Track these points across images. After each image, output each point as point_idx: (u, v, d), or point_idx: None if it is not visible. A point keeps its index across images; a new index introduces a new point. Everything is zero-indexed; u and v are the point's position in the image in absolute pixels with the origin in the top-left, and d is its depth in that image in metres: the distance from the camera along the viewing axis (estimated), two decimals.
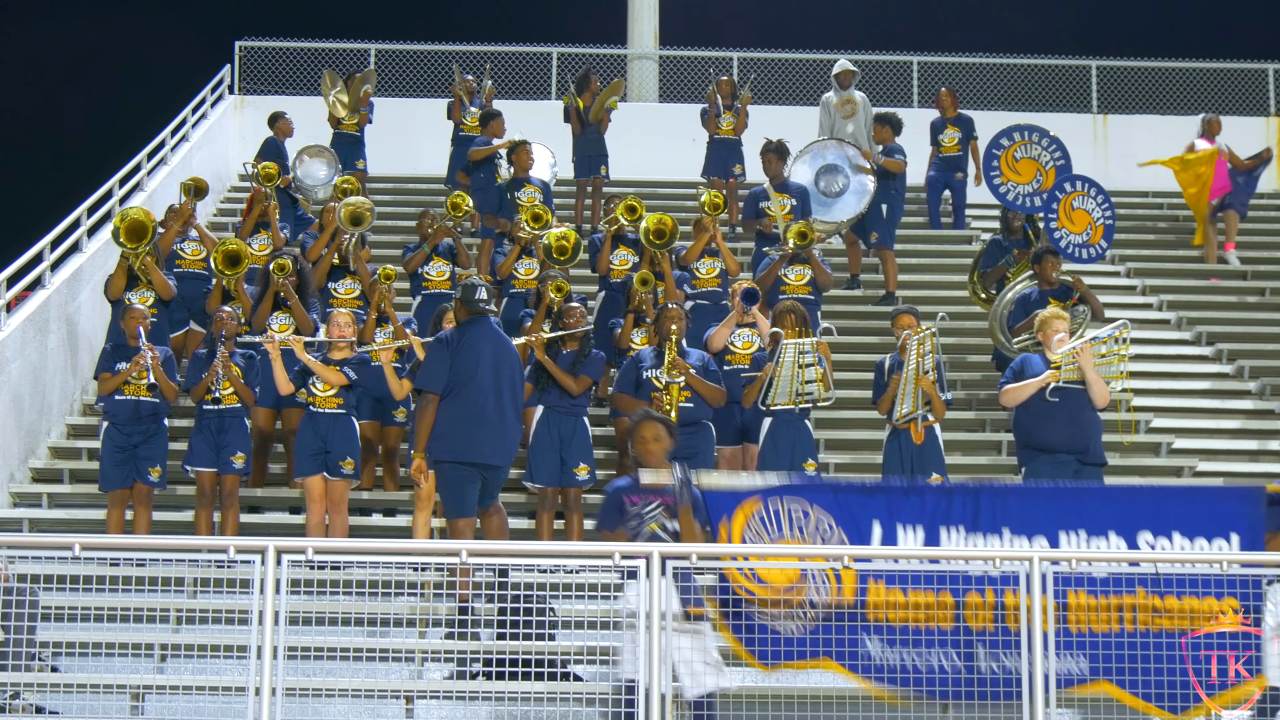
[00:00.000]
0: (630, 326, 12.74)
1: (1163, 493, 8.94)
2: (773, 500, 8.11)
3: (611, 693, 7.83)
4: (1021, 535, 8.11)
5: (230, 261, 13.05)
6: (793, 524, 8.07)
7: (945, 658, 7.82)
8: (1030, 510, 8.22)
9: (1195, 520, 8.17)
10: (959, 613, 7.81)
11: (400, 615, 10.12)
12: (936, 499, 8.25)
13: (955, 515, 8.15)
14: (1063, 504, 8.34)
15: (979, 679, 7.75)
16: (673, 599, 7.67)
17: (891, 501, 8.21)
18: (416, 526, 11.47)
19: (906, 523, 8.15)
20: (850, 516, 8.14)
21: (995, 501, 8.24)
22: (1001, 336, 13.90)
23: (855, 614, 7.86)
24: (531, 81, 22.54)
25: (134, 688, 8.61)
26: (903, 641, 7.84)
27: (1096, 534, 8.13)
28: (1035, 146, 14.75)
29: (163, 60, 28.98)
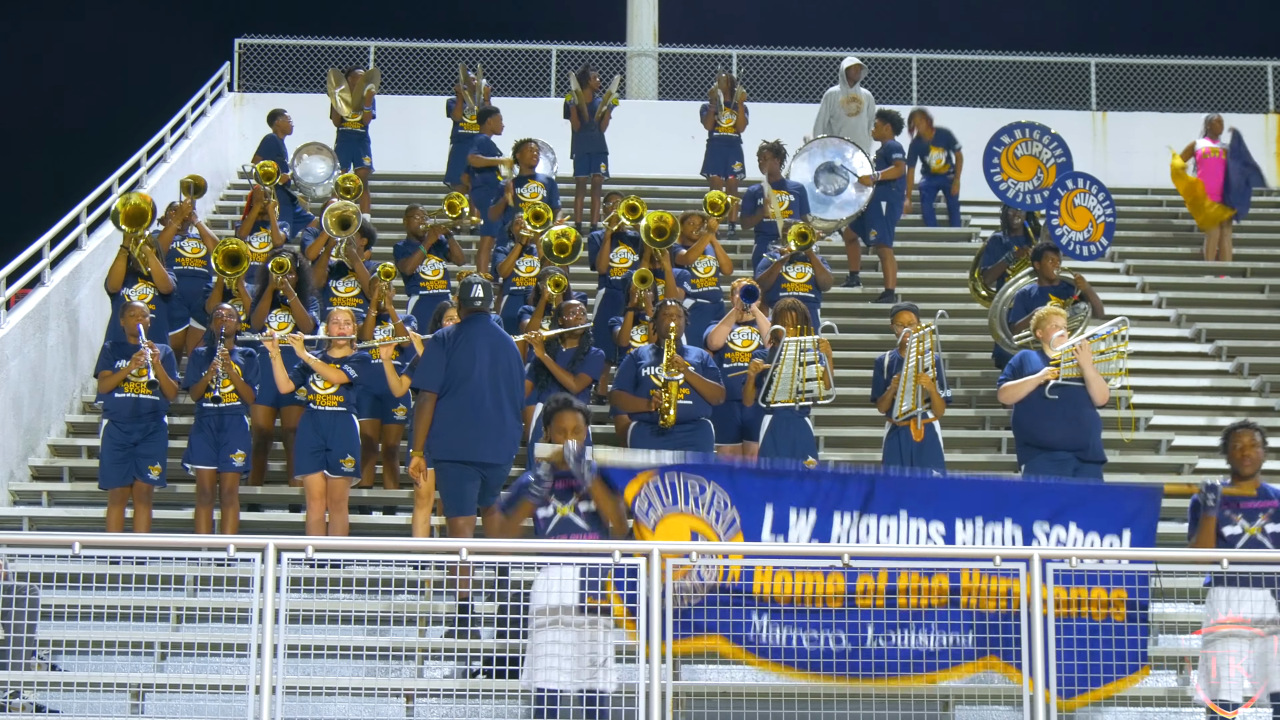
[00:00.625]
0: (630, 324, 12.74)
1: (1064, 488, 8.94)
2: (669, 474, 8.13)
3: (522, 701, 7.82)
4: (919, 518, 8.15)
5: (231, 261, 13.04)
6: (688, 496, 8.10)
7: (833, 640, 7.86)
8: (926, 494, 8.26)
9: (1093, 514, 8.24)
10: (849, 596, 7.86)
11: (400, 613, 10.11)
12: (830, 484, 8.24)
13: (849, 500, 8.16)
14: (958, 492, 8.35)
15: (864, 651, 7.81)
16: (571, 593, 7.68)
17: (783, 485, 8.21)
18: (416, 524, 11.47)
19: (799, 506, 8.16)
20: (744, 497, 8.14)
21: (890, 485, 8.31)
22: (1002, 333, 13.90)
23: (741, 591, 7.89)
24: (531, 79, 22.54)
25: (134, 686, 8.61)
26: (789, 622, 7.87)
27: (992, 520, 8.17)
28: (1036, 144, 14.73)
29: (162, 58, 28.97)
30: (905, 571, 7.84)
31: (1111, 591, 7.92)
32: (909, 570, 7.84)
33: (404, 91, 22.08)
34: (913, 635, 7.88)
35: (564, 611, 7.72)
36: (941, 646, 7.87)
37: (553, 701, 7.68)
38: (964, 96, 22.57)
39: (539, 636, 7.77)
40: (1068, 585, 7.77)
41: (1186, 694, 8.89)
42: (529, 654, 7.83)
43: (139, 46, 29.77)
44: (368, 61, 22.12)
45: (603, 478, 8.04)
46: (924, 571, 7.85)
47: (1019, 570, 7.60)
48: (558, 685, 7.75)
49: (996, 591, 7.80)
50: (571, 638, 7.75)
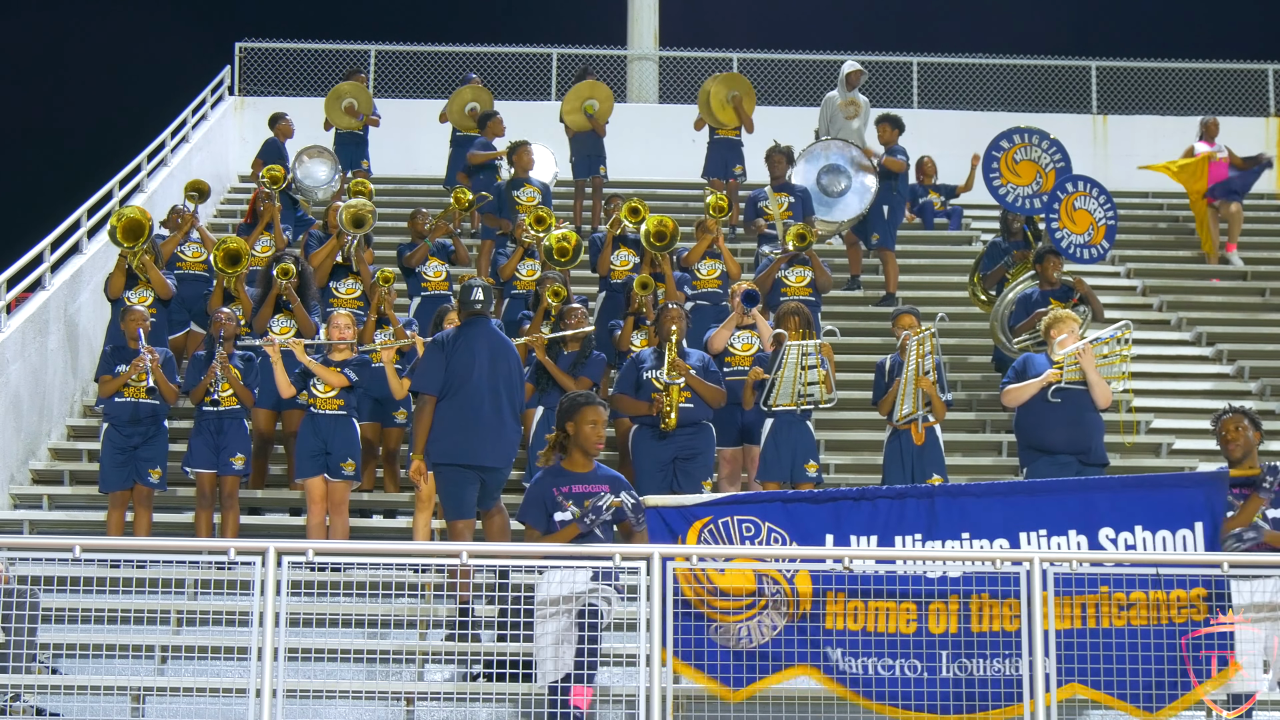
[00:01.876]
0: (630, 328, 12.73)
1: (1123, 484, 8.78)
2: (723, 517, 8.07)
3: (535, 704, 7.81)
4: (982, 539, 8.03)
5: (231, 260, 13.04)
6: (743, 539, 8.04)
7: (908, 667, 7.76)
8: (988, 513, 8.14)
9: (1157, 512, 8.14)
10: (922, 615, 7.76)
11: (401, 617, 10.11)
12: (889, 505, 8.15)
13: (909, 523, 8.06)
14: (1020, 504, 8.24)
15: (940, 680, 7.71)
16: (580, 585, 7.71)
17: (840, 510, 8.12)
18: (417, 528, 11.46)
19: (859, 533, 8.07)
20: (802, 528, 8.06)
21: (950, 505, 8.16)
22: (1003, 337, 13.90)
23: (817, 622, 7.81)
24: (531, 82, 22.55)
25: (134, 689, 8.61)
26: (864, 651, 7.76)
27: (1057, 533, 8.08)
28: (1035, 149, 14.73)
29: (163, 61, 28.98)
30: (976, 594, 7.72)
31: (1191, 591, 7.80)
32: (979, 592, 7.72)
33: (404, 95, 22.08)
34: (987, 663, 7.75)
35: (570, 602, 7.75)
36: (1020, 673, 7.61)
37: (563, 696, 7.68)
38: (965, 100, 22.58)
39: (544, 629, 7.79)
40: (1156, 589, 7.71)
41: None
42: (538, 653, 7.83)
43: (139, 50, 29.80)
44: (368, 65, 22.13)
45: (661, 518, 8.07)
46: (993, 593, 7.70)
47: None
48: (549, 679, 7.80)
49: (1069, 614, 7.66)
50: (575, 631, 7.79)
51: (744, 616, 7.77)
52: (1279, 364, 15.60)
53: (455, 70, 21.81)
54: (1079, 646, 7.65)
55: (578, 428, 8.29)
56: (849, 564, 7.76)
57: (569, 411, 8.38)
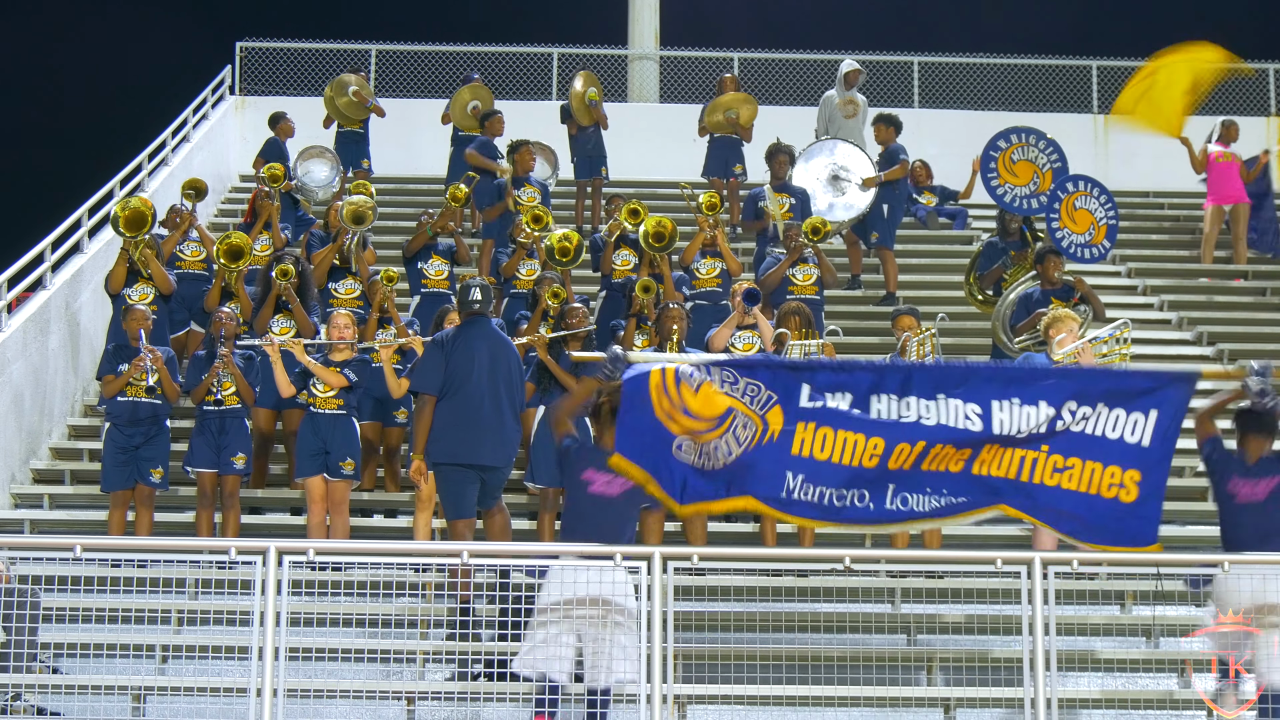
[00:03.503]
0: (633, 330, 12.74)
1: (1096, 372, 9.42)
2: (699, 365, 8.45)
3: (536, 692, 7.92)
4: (955, 398, 8.36)
5: (233, 255, 13.06)
6: (721, 381, 8.37)
7: (858, 498, 8.26)
8: (962, 378, 8.50)
9: (1120, 396, 8.48)
10: (885, 455, 8.25)
11: (401, 616, 10.12)
12: (864, 373, 8.51)
13: (886, 385, 8.41)
14: (996, 376, 8.61)
15: (886, 511, 8.26)
16: (585, 585, 7.79)
17: (818, 374, 8.48)
18: (417, 527, 11.47)
19: (834, 390, 8.40)
20: (779, 381, 8.40)
21: (926, 374, 8.57)
22: (1004, 336, 13.89)
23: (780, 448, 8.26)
24: (532, 82, 22.54)
25: (135, 689, 8.63)
26: (818, 481, 8.24)
27: (1028, 402, 8.41)
28: (1032, 149, 14.73)
29: (164, 61, 28.94)
30: (940, 443, 8.22)
31: (1126, 471, 8.30)
32: (943, 442, 8.22)
33: (404, 95, 22.07)
34: (928, 499, 8.28)
35: (575, 605, 7.77)
36: (953, 502, 8.27)
37: (552, 691, 7.72)
38: (965, 99, 22.56)
39: (541, 628, 7.83)
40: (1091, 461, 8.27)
41: (1187, 696, 8.91)
42: (528, 640, 7.89)
43: (140, 50, 29.77)
44: (368, 65, 22.13)
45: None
46: (958, 444, 8.24)
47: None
48: (557, 677, 7.82)
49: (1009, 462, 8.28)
50: (574, 632, 7.81)
51: (707, 439, 8.19)
52: (1279, 364, 15.56)
53: (456, 70, 21.79)
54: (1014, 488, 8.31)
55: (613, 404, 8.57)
56: (849, 564, 7.80)
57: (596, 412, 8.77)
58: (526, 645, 8.07)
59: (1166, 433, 8.42)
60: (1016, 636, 8.36)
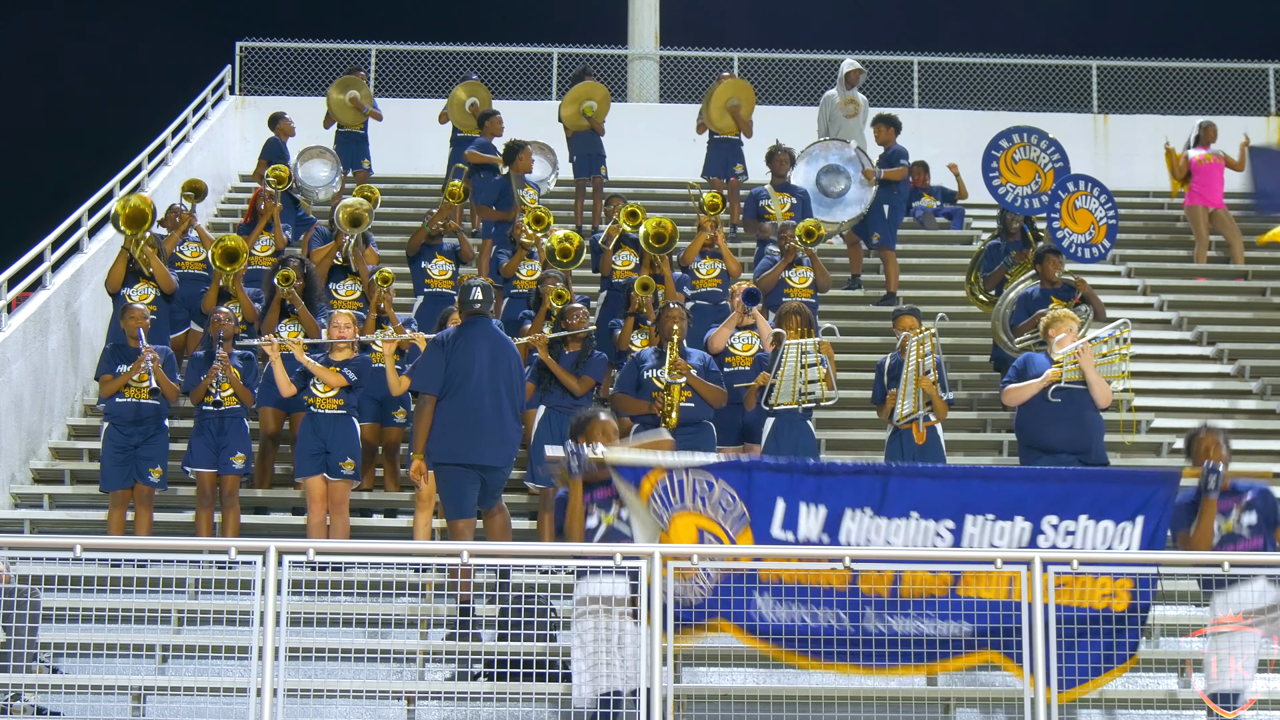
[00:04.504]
0: (629, 329, 12.73)
1: (1075, 475, 8.96)
2: (676, 473, 8.11)
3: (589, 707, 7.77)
4: (930, 519, 8.11)
5: (228, 258, 13.05)
6: (695, 494, 8.09)
7: (836, 619, 7.89)
8: (938, 494, 8.20)
9: (1103, 503, 8.17)
10: (854, 576, 7.88)
11: (401, 616, 10.12)
12: (843, 480, 8.21)
13: (862, 497, 8.12)
14: (971, 488, 8.28)
15: (864, 639, 7.84)
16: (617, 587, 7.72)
17: (795, 480, 8.17)
18: (417, 527, 11.47)
19: (810, 501, 8.11)
20: (755, 492, 8.11)
21: (904, 485, 8.22)
22: (1004, 336, 13.90)
23: (750, 574, 7.94)
24: (532, 82, 22.55)
25: (135, 689, 8.62)
26: (790, 599, 7.90)
27: (1003, 518, 8.13)
28: (1034, 148, 14.73)
29: (164, 61, 28.98)
30: (910, 572, 7.87)
31: (1117, 581, 7.92)
32: (913, 570, 7.88)
33: (404, 94, 22.08)
34: (912, 623, 7.90)
35: (609, 603, 7.73)
36: (941, 635, 7.88)
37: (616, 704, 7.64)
38: (965, 99, 22.57)
39: (583, 635, 7.76)
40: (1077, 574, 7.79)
41: (1187, 696, 8.90)
42: (578, 664, 7.79)
43: (140, 49, 29.79)
44: (368, 64, 22.13)
45: (618, 474, 8.08)
46: (932, 571, 7.89)
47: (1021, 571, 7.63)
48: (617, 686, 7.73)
49: (997, 583, 7.83)
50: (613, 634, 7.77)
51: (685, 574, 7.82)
52: (1279, 364, 15.59)
53: (455, 70, 21.80)
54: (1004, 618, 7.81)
55: (588, 442, 8.32)
56: (849, 563, 7.78)
57: (578, 429, 8.45)
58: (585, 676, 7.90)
59: (1154, 537, 8.13)
60: (1015, 636, 8.31)
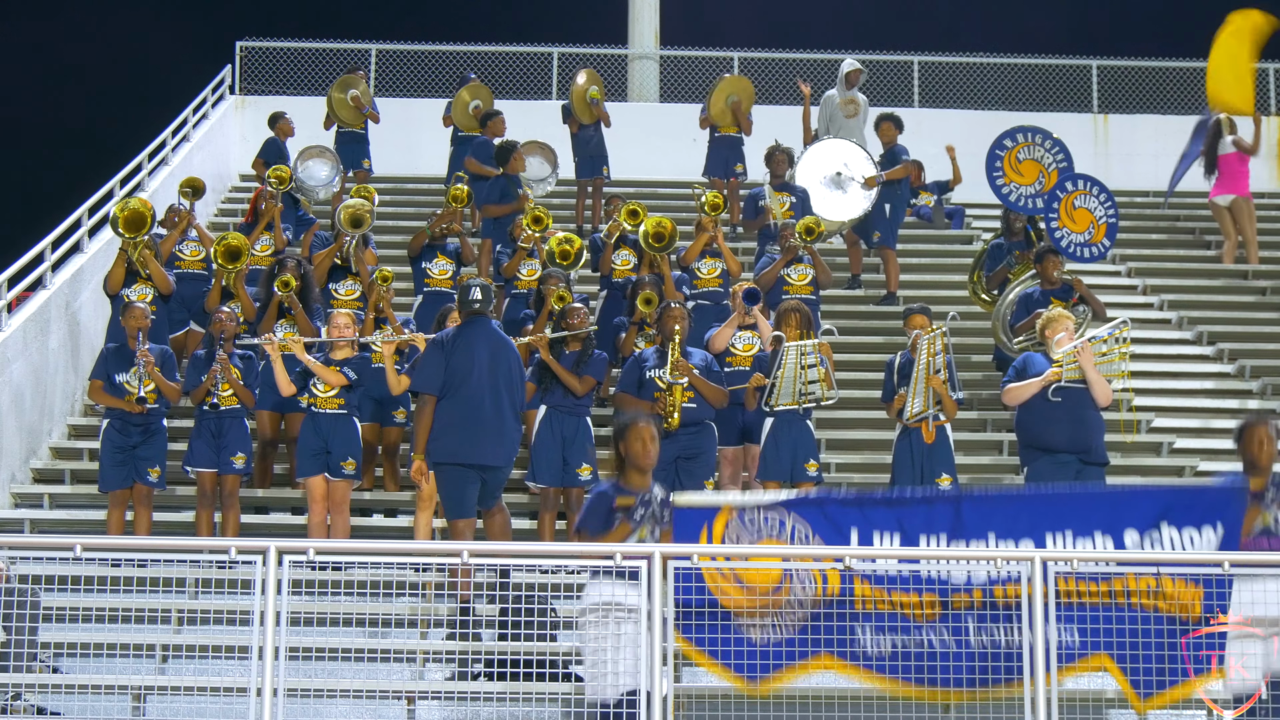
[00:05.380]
0: (633, 336, 12.74)
1: (1151, 493, 9.01)
2: (748, 511, 8.07)
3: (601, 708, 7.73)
4: (1008, 539, 8.04)
5: (231, 256, 13.06)
6: (769, 531, 8.04)
7: (937, 638, 7.81)
8: (1014, 515, 8.16)
9: (1179, 513, 8.16)
10: (946, 604, 7.82)
11: (401, 616, 10.12)
12: (916, 507, 8.19)
13: (936, 523, 8.08)
14: (1046, 507, 8.29)
15: (969, 654, 7.76)
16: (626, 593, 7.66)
17: (866, 511, 8.13)
18: (418, 527, 11.47)
19: (885, 530, 8.09)
20: (828, 524, 8.08)
21: (975, 508, 8.19)
22: (1004, 336, 13.90)
23: (844, 605, 7.81)
24: (532, 82, 22.55)
25: (135, 689, 8.61)
26: (892, 628, 7.82)
27: (1082, 534, 8.10)
28: (1038, 148, 14.71)
29: (163, 60, 28.99)
30: (1001, 586, 7.78)
31: (1190, 586, 7.87)
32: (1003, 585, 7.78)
33: (405, 94, 22.08)
34: (1005, 637, 7.83)
35: (617, 607, 7.70)
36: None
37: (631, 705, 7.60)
38: (965, 99, 22.56)
39: (594, 639, 7.71)
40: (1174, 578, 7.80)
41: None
42: (589, 665, 7.74)
43: (140, 49, 29.79)
44: (368, 64, 22.14)
45: (677, 519, 8.04)
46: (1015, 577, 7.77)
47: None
48: (629, 688, 7.68)
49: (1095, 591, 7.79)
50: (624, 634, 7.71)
51: (768, 608, 7.76)
52: (1279, 363, 15.59)
53: (455, 70, 21.80)
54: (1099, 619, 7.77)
55: (628, 447, 8.29)
56: (849, 563, 7.77)
57: (620, 433, 8.39)
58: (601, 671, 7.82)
59: (1226, 544, 8.10)
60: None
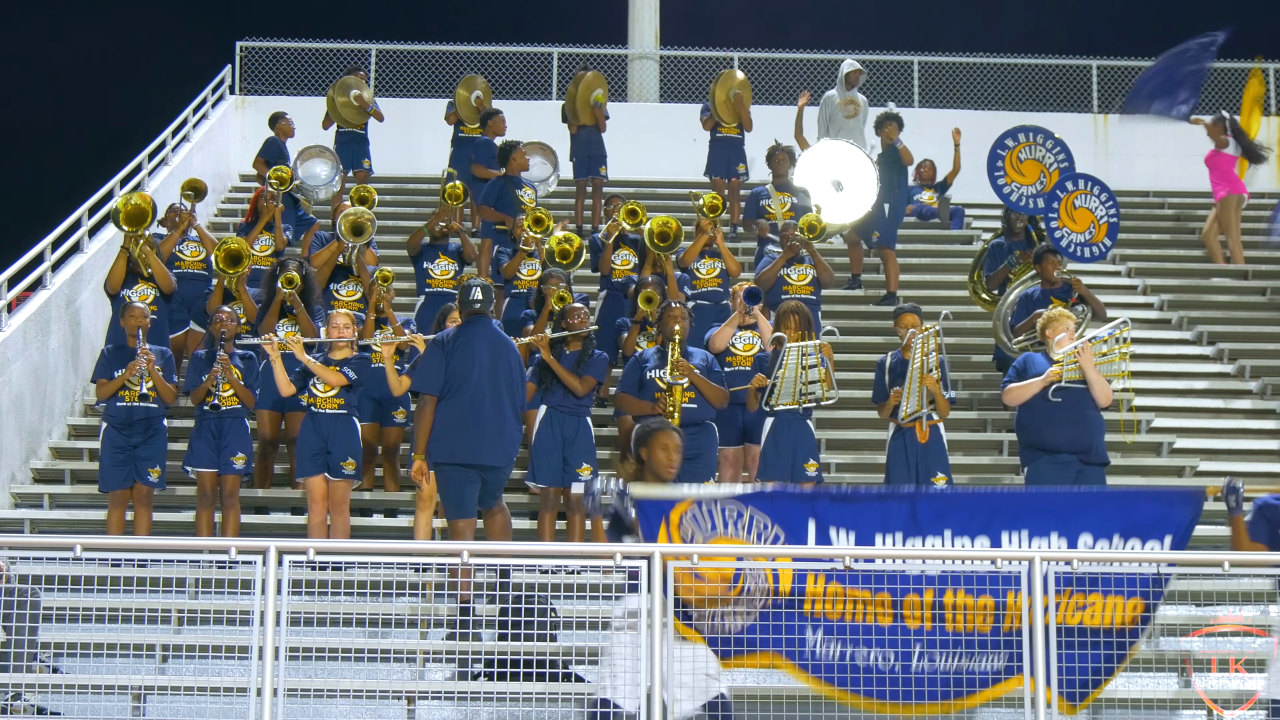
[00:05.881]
0: (634, 336, 12.75)
1: (1110, 496, 9.01)
2: (705, 503, 8.03)
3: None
4: (964, 535, 8.02)
5: (232, 260, 13.07)
6: (726, 521, 8.03)
7: (882, 657, 7.79)
8: (970, 510, 8.14)
9: (1133, 521, 8.12)
10: (897, 612, 7.78)
11: (401, 616, 10.12)
12: (870, 505, 8.14)
13: (892, 521, 8.03)
14: (1003, 505, 8.27)
15: (914, 679, 7.73)
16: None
17: (819, 506, 8.09)
18: (418, 527, 11.47)
19: (839, 526, 8.04)
20: (785, 516, 8.04)
21: (930, 506, 8.16)
22: (1004, 336, 13.90)
23: (793, 606, 7.80)
24: (532, 81, 22.55)
25: (135, 689, 8.62)
26: (840, 637, 7.80)
27: (1038, 534, 8.04)
28: (1040, 148, 14.72)
29: (163, 60, 28.98)
30: (951, 589, 7.79)
31: (1129, 599, 7.86)
32: (954, 588, 7.78)
33: (405, 94, 22.08)
34: (954, 661, 7.82)
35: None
36: (981, 668, 7.80)
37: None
38: (965, 99, 22.56)
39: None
40: (1105, 593, 7.76)
41: (1187, 696, 8.90)
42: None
43: (140, 49, 29.79)
44: (368, 64, 22.14)
45: (640, 510, 8.01)
46: (969, 590, 7.79)
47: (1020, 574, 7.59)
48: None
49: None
50: (686, 653, 7.66)
51: (718, 604, 7.72)
52: (1279, 363, 15.59)
53: (455, 70, 21.78)
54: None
55: (651, 454, 8.23)
56: (849, 563, 7.76)
57: (643, 438, 8.29)
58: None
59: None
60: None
